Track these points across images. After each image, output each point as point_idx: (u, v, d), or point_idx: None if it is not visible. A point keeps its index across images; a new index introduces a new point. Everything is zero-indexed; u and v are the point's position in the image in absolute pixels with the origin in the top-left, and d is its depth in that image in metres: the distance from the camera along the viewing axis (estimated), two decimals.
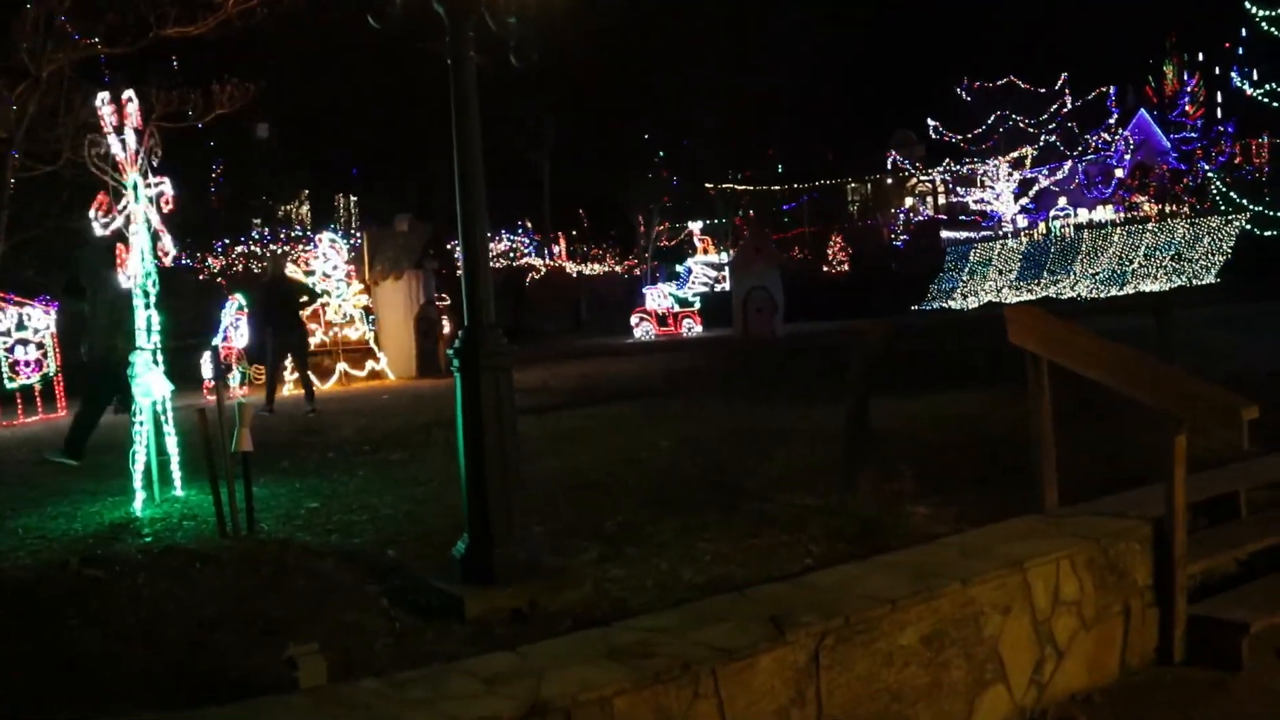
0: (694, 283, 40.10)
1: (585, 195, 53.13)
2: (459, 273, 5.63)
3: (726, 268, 37.99)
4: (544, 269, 44.29)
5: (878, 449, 7.31)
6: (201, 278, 28.68)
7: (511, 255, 45.47)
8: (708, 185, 59.36)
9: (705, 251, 43.45)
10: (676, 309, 35.06)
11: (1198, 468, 6.82)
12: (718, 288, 39.66)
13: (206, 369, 16.86)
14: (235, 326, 17.23)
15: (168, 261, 8.15)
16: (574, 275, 45.88)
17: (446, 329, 20.30)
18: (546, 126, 43.68)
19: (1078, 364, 5.20)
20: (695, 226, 45.52)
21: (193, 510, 7.22)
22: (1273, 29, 19.63)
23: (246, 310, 17.02)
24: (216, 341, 16.95)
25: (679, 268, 42.29)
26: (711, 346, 26.92)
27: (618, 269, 49.13)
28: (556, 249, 50.64)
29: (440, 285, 22.41)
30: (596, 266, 49.33)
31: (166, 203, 7.84)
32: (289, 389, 16.40)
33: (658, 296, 34.84)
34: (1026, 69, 46.90)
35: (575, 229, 54.94)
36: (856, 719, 3.89)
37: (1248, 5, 19.65)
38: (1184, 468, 5.04)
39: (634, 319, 34.06)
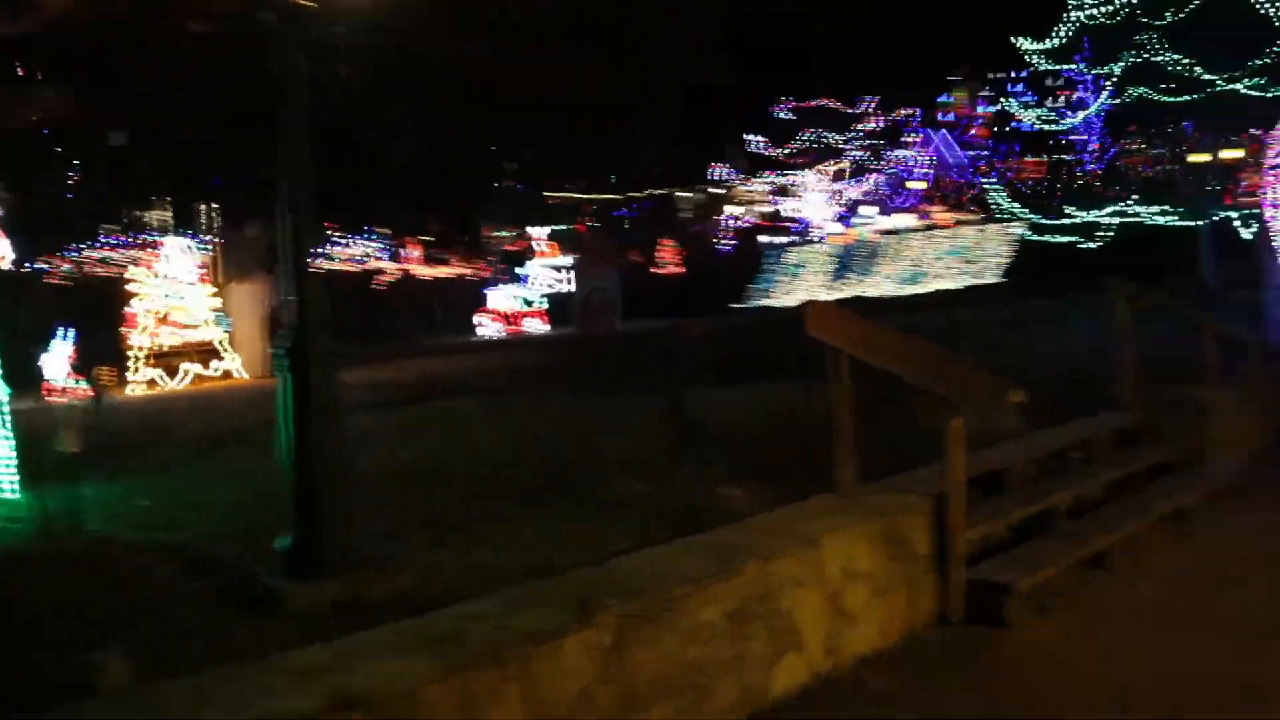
0: (537, 284, 39.82)
1: (438, 202, 52.24)
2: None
3: (568, 270, 37.83)
4: (397, 273, 43.34)
5: (699, 437, 7.31)
6: (52, 281, 27.00)
7: (364, 259, 44.35)
8: (546, 194, 59.04)
9: (548, 255, 43.17)
10: (522, 309, 34.76)
11: (979, 446, 7.04)
12: (560, 289, 39.46)
13: (50, 370, 15.85)
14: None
15: (5, 265, 7.56)
16: (426, 279, 45.06)
17: None
18: (403, 132, 42.70)
19: (869, 355, 5.25)
20: (539, 231, 45.18)
21: (17, 513, 6.68)
22: (1041, 60, 20.62)
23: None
24: (60, 343, 15.96)
25: (520, 270, 41.86)
26: (554, 344, 26.77)
27: (467, 272, 48.49)
28: (410, 254, 49.64)
29: None
30: (447, 270, 48.58)
31: None
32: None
33: (504, 297, 34.47)
34: (838, 92, 48.36)
35: (428, 234, 53.98)
36: (662, 693, 3.80)
37: (1020, 41, 20.57)
38: (962, 447, 5.14)
39: (479, 318, 33.62)
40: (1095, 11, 19.73)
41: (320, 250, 48.50)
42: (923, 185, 49.48)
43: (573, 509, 6.57)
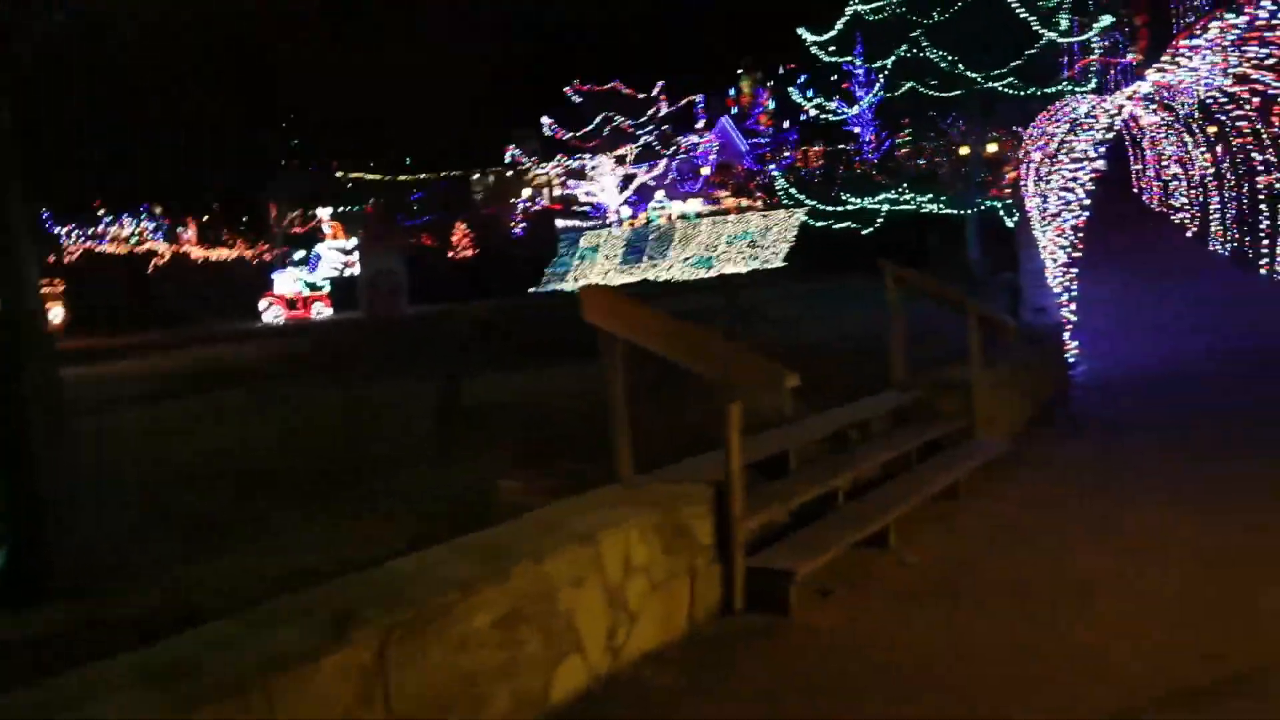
0: (324, 267, 38.32)
1: (218, 180, 49.40)
2: (67, 259, 4.71)
3: (355, 252, 36.55)
4: (170, 254, 40.69)
5: (475, 425, 7.02)
6: None
7: (136, 240, 41.43)
8: (339, 174, 56.98)
9: (335, 237, 41.61)
10: (306, 293, 33.34)
11: (762, 428, 7.06)
12: (347, 272, 38.13)
13: None
14: None
15: None
16: (204, 260, 42.54)
17: (60, 318, 18.02)
18: (184, 108, 39.98)
19: (644, 340, 5.11)
20: (325, 213, 43.44)
21: None
22: (821, 53, 21.28)
23: None
24: None
25: (302, 254, 40.15)
26: (339, 328, 25.71)
27: (248, 254, 46.08)
28: (186, 234, 46.74)
29: (46, 271, 19.83)
30: (227, 252, 46.03)
31: None
32: None
33: (287, 281, 32.95)
34: (629, 76, 48.49)
35: (207, 214, 51.05)
36: (430, 708, 3.52)
37: (801, 32, 21.14)
38: (739, 433, 5.07)
39: (263, 303, 32.02)
40: (868, 8, 20.51)
41: (85, 231, 44.96)
42: (709, 172, 50.44)
43: (345, 507, 6.18)
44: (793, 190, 24.45)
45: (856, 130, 45.47)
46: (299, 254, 40.18)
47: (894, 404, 8.30)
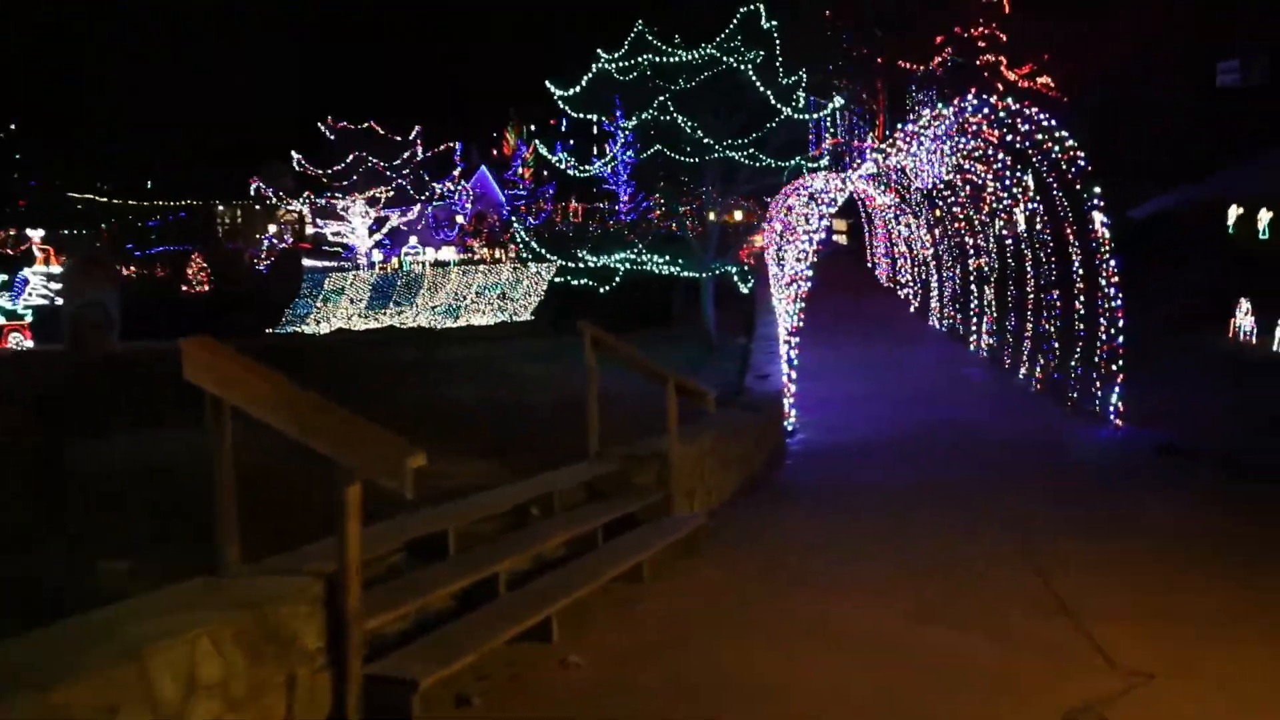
0: (30, 294, 34.72)
1: None
2: None
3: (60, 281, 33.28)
4: None
5: (78, 495, 5.91)
6: None
7: None
8: (71, 194, 52.48)
9: (47, 262, 37.84)
10: (3, 322, 29.97)
11: (444, 498, 6.32)
12: (59, 301, 34.65)
13: None
14: None
15: None
16: None
17: None
18: None
19: (252, 407, 4.27)
20: (36, 235, 39.52)
21: None
22: (569, 108, 21.06)
23: None
24: None
25: (9, 277, 36.32)
26: (34, 364, 23.03)
27: None
28: None
29: None
30: None
31: None
32: None
33: None
34: (386, 116, 47.17)
35: None
36: None
37: (549, 86, 20.86)
38: (358, 519, 4.30)
39: None
40: (613, 68, 20.47)
41: None
42: (462, 220, 49.64)
43: None
44: (533, 244, 24.10)
45: (617, 189, 46.17)
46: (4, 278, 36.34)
47: (587, 476, 7.74)
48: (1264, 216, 21.90)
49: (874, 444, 13.00)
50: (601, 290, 23.27)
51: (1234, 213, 23.19)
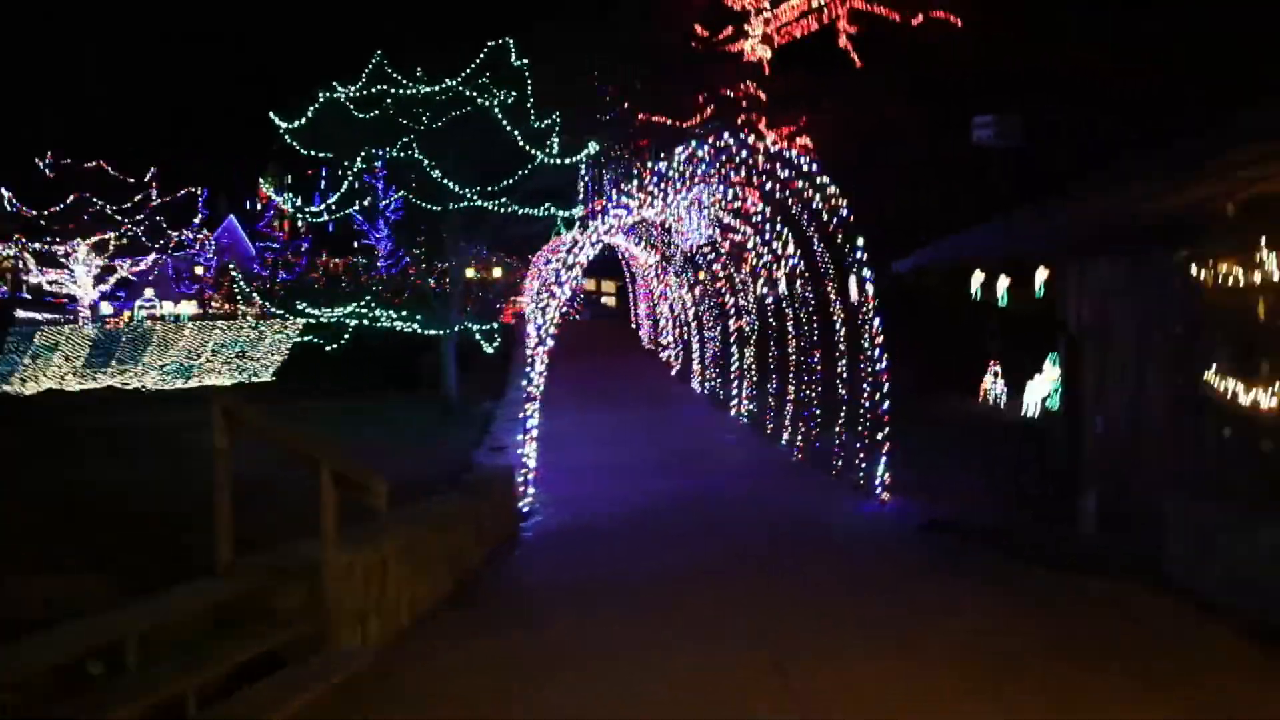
0: None
1: None
2: None
3: None
4: None
5: None
6: None
7: None
8: None
9: None
10: None
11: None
12: None
13: None
14: None
15: None
16: None
17: None
18: None
19: None
20: None
21: None
22: (297, 143, 18.65)
23: None
24: None
25: None
26: None
27: None
28: None
29: None
30: None
31: None
32: None
33: None
34: (117, 154, 42.45)
35: None
36: None
37: (273, 118, 18.40)
38: None
39: None
40: (346, 98, 18.28)
41: None
42: (205, 272, 45.51)
43: None
44: (253, 295, 21.35)
45: (378, 241, 43.42)
46: None
47: (213, 596, 5.56)
48: (1003, 282, 22.07)
49: (621, 525, 11.24)
50: (328, 348, 20.82)
51: (978, 277, 23.42)
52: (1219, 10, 18.42)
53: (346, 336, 21.31)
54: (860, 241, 12.06)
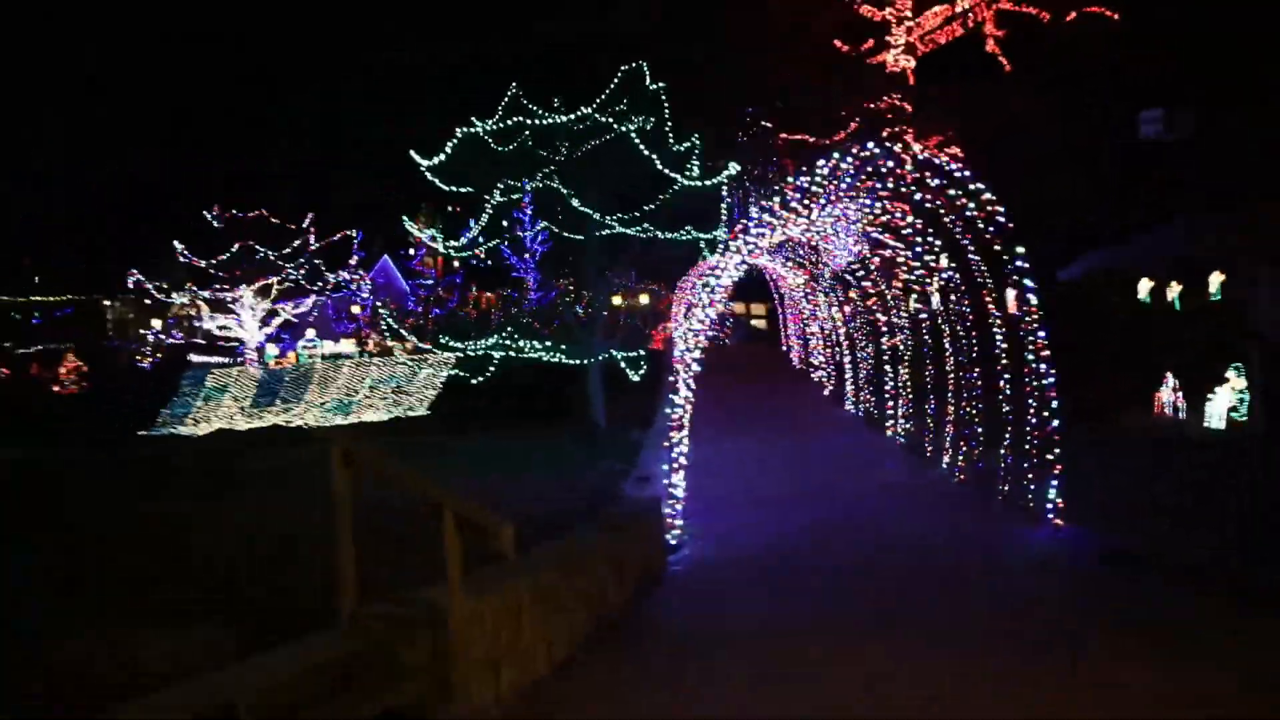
0: None
1: None
2: None
3: None
4: None
5: None
6: None
7: None
8: None
9: None
10: None
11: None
12: None
13: None
14: None
15: None
16: None
17: None
18: None
19: None
20: None
21: None
22: (438, 180, 18.88)
23: None
24: None
25: None
26: None
27: None
28: None
29: None
30: None
31: None
32: None
33: None
34: (278, 202, 44.47)
35: None
36: None
37: (414, 156, 18.68)
38: None
39: None
40: (484, 132, 18.43)
41: None
42: (361, 310, 47.02)
43: None
44: (401, 331, 21.72)
45: (527, 276, 44.05)
46: None
47: (329, 654, 5.31)
48: (1174, 289, 20.52)
49: (773, 560, 10.69)
50: (473, 381, 20.94)
51: (1145, 285, 21.89)
52: None
53: (492, 369, 21.42)
54: (1021, 250, 11.25)
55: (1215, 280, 19.03)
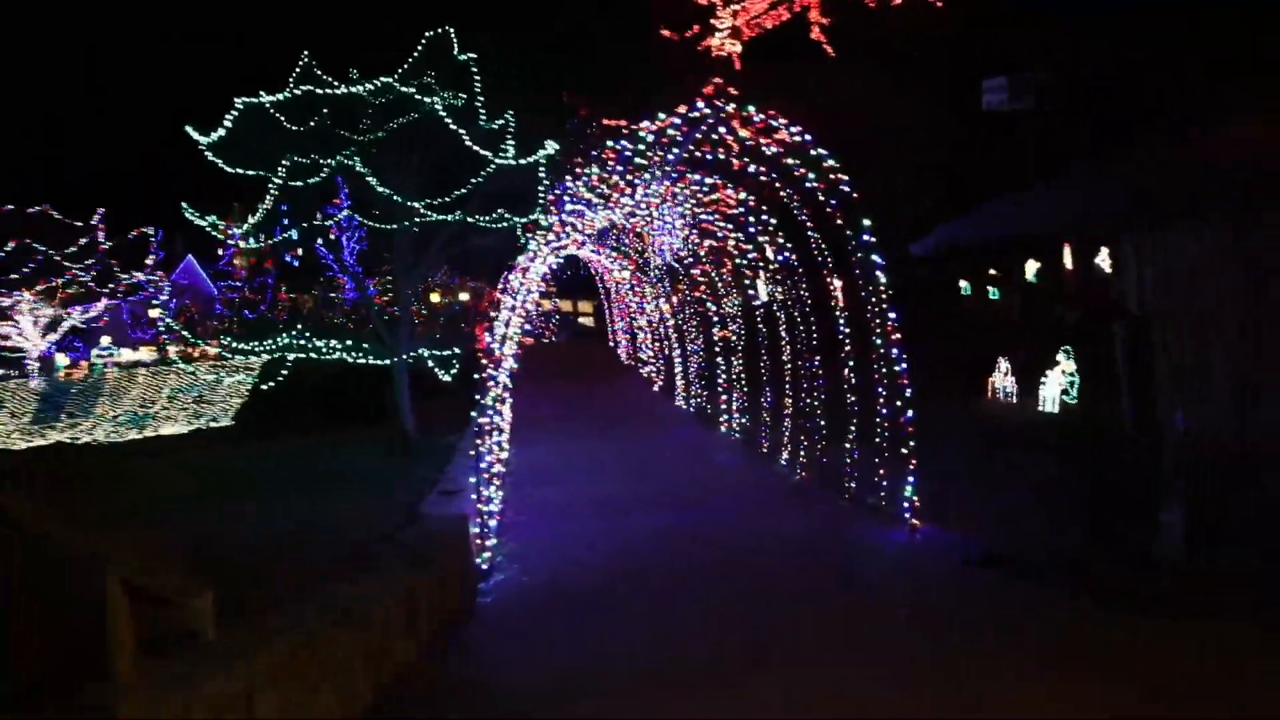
0: None
1: None
2: None
3: None
4: None
5: None
6: None
7: None
8: None
9: None
10: None
11: None
12: None
13: None
14: None
15: None
16: None
17: None
18: None
19: None
20: None
21: None
22: (220, 160, 16.42)
23: None
24: None
25: None
26: None
27: None
28: None
29: None
30: None
31: None
32: None
33: None
34: (61, 199, 39.93)
35: None
36: None
37: (190, 131, 16.19)
38: None
39: None
40: (269, 102, 16.12)
41: None
42: (162, 314, 43.04)
43: None
44: (184, 332, 19.23)
45: (336, 275, 41.12)
46: None
47: None
48: (1031, 266, 19.94)
49: (605, 580, 9.09)
50: (263, 387, 18.64)
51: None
52: None
53: (284, 373, 19.09)
54: (867, 223, 10.02)
55: (1067, 254, 18.46)
